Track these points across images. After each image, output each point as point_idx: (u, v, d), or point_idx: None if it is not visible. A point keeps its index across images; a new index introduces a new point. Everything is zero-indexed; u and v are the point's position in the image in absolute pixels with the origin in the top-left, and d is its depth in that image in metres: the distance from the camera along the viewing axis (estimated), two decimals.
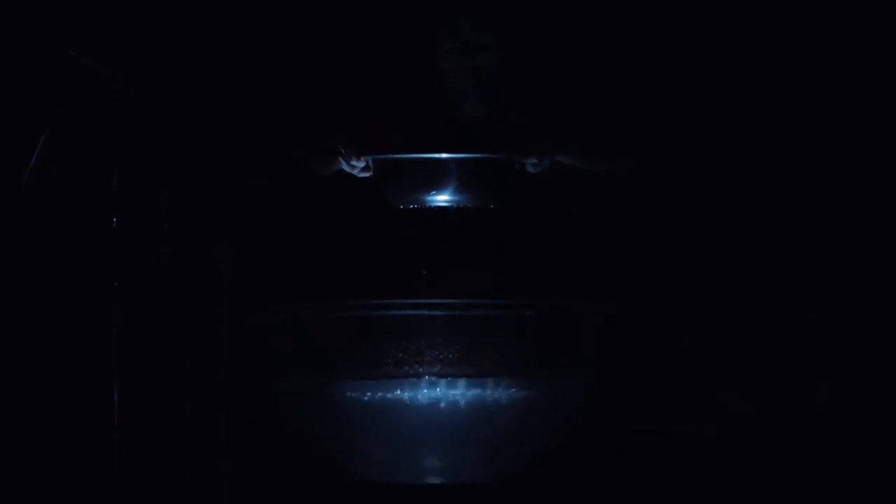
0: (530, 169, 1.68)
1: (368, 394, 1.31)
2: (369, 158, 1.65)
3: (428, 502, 1.42)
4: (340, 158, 1.66)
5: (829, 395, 1.71)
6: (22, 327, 1.58)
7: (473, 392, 1.32)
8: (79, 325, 1.61)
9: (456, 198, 1.62)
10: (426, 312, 1.32)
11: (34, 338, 1.59)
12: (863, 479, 1.64)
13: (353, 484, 1.45)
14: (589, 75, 1.89)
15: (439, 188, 1.61)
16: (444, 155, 1.58)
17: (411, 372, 1.30)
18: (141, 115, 1.70)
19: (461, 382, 1.31)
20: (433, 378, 1.31)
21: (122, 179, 1.66)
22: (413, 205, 1.64)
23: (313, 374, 1.33)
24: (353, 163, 1.66)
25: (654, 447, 1.67)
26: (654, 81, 1.88)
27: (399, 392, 1.32)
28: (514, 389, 1.32)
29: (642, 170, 1.77)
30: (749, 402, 1.71)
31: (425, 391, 1.32)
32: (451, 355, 1.31)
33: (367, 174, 1.68)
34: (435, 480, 1.38)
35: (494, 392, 1.32)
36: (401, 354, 1.30)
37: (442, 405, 1.32)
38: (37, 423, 1.57)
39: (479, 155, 1.61)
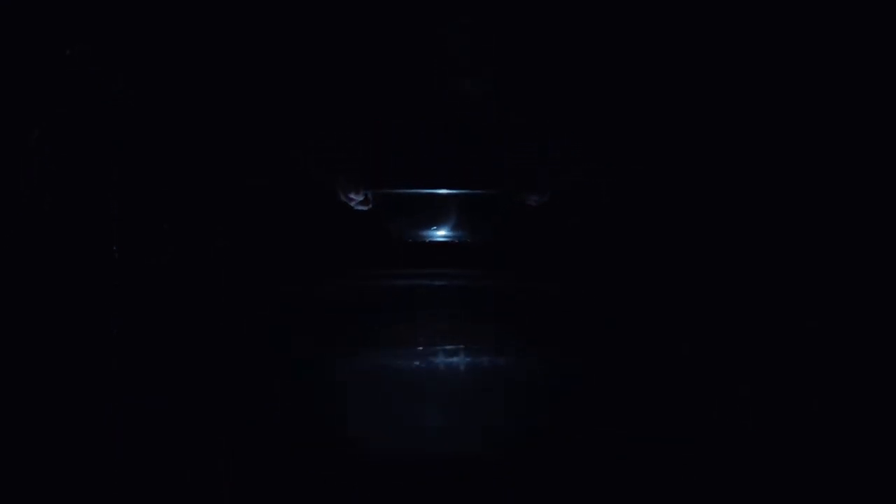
0: (531, 203, 1.71)
1: (370, 365, 1.32)
2: (368, 192, 1.67)
3: (423, 477, 1.42)
4: (339, 191, 1.69)
5: (828, 400, 1.71)
6: (21, 327, 1.58)
7: (472, 363, 1.33)
8: (78, 325, 1.61)
9: (455, 233, 1.66)
10: (427, 282, 1.34)
11: (33, 337, 1.59)
12: (862, 483, 1.64)
13: (354, 460, 1.45)
14: (590, 74, 1.88)
15: (439, 223, 1.64)
16: (443, 191, 1.61)
17: (415, 344, 1.31)
18: (141, 115, 1.70)
19: (463, 353, 1.33)
20: (435, 349, 1.32)
21: (122, 179, 1.67)
22: (410, 238, 1.67)
23: (313, 346, 1.34)
24: (352, 196, 1.69)
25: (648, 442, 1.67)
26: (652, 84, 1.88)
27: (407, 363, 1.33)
28: (511, 362, 1.33)
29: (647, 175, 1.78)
30: (745, 407, 1.72)
31: (429, 362, 1.33)
32: (452, 326, 1.33)
33: (365, 207, 1.70)
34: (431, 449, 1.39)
35: (492, 364, 1.33)
36: (402, 325, 1.32)
37: (447, 377, 1.33)
38: (35, 422, 1.57)
39: (479, 192, 1.65)
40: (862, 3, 1.79)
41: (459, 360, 1.33)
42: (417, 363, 1.34)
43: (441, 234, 1.66)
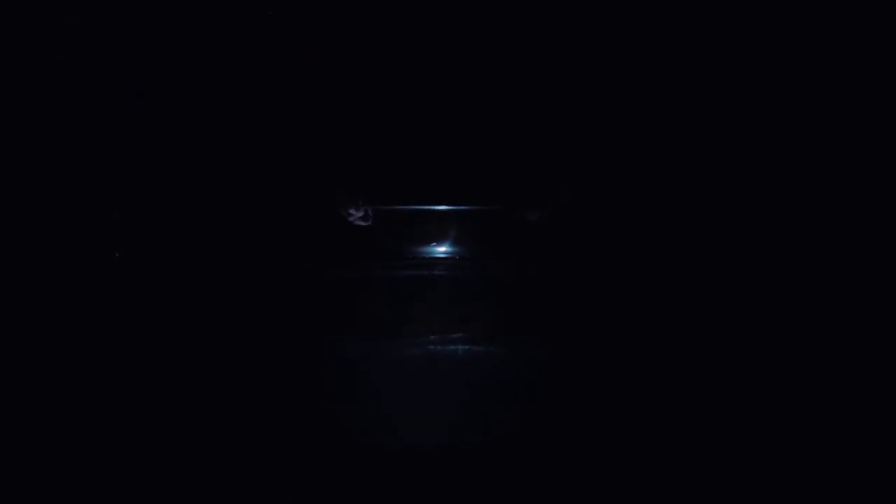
0: (530, 217, 1.72)
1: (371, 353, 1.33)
2: (369, 208, 1.68)
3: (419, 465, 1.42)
4: (339, 207, 1.70)
5: (828, 400, 1.71)
6: (20, 327, 1.59)
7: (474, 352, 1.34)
8: (77, 323, 1.62)
9: (453, 248, 1.67)
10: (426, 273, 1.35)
11: (33, 337, 1.60)
12: (862, 483, 1.63)
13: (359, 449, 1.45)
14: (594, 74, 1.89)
15: (438, 239, 1.66)
16: (443, 207, 1.63)
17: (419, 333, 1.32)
18: (140, 116, 1.71)
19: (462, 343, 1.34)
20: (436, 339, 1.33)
21: (122, 180, 1.68)
22: (411, 255, 1.68)
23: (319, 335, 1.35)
24: (352, 211, 1.69)
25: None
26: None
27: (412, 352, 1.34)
28: (511, 353, 1.34)
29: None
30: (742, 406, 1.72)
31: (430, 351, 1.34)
32: (452, 316, 1.33)
33: (365, 223, 1.71)
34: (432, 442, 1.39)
35: (490, 353, 1.33)
36: (403, 315, 1.32)
37: (448, 365, 1.33)
38: (35, 422, 1.58)
39: (479, 207, 1.66)
40: (862, 4, 1.80)
41: (461, 350, 1.34)
42: (418, 352, 1.35)
43: (441, 249, 1.67)
